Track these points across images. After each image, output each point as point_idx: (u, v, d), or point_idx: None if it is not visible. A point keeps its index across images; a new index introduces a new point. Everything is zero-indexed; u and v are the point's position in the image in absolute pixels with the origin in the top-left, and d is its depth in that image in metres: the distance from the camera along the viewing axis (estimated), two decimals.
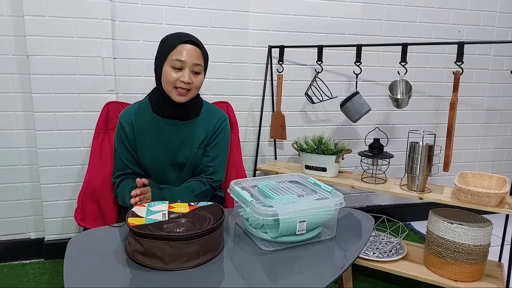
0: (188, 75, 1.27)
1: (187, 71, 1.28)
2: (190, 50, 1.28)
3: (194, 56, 1.28)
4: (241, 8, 1.97)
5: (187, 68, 1.28)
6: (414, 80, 2.28)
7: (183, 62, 1.27)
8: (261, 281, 0.86)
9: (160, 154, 1.38)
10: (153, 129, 1.37)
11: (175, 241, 0.88)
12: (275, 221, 1.00)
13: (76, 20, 1.71)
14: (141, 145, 1.38)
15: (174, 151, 1.38)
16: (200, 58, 1.30)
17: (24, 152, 1.85)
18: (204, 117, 1.43)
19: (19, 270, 1.81)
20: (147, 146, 1.38)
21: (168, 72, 1.28)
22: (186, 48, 1.27)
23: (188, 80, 1.27)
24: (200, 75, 1.33)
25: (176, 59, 1.26)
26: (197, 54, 1.29)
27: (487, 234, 1.46)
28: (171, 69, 1.28)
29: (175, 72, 1.28)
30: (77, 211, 1.43)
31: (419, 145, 1.57)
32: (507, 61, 2.41)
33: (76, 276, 0.86)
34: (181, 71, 1.28)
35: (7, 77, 1.77)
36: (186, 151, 1.39)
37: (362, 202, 2.43)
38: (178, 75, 1.28)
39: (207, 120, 1.43)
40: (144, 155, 1.39)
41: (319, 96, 2.00)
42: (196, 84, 1.32)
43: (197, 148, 1.40)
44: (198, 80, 1.32)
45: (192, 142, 1.39)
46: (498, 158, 2.56)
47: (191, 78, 1.29)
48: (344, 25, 2.14)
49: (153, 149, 1.38)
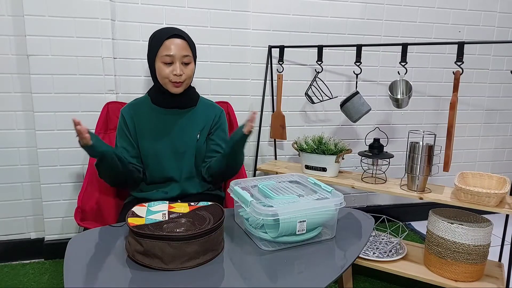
0: (179, 68, 1.35)
1: (178, 64, 1.35)
2: (177, 43, 1.35)
3: (181, 48, 1.35)
4: (241, 8, 1.97)
5: (177, 61, 1.35)
6: (414, 80, 2.28)
7: (172, 57, 1.34)
8: (261, 281, 0.86)
9: (160, 143, 1.43)
10: (153, 119, 1.44)
11: (175, 241, 0.88)
12: (275, 221, 1.00)
13: (76, 20, 1.71)
14: (141, 135, 1.43)
15: (174, 139, 1.43)
16: (187, 49, 1.37)
17: (24, 152, 1.85)
18: (201, 108, 1.50)
19: (19, 270, 1.81)
20: (148, 136, 1.43)
21: (160, 67, 1.36)
22: (173, 42, 1.35)
23: (180, 72, 1.35)
24: (190, 65, 1.40)
25: (166, 54, 1.34)
26: (184, 46, 1.36)
27: (487, 234, 1.46)
28: (162, 64, 1.36)
29: (166, 67, 1.36)
30: (77, 211, 1.43)
31: (419, 145, 1.57)
32: (507, 61, 2.41)
33: (76, 276, 0.86)
34: (172, 65, 1.36)
35: (7, 77, 1.77)
36: (186, 137, 1.44)
37: (362, 202, 2.42)
38: (170, 69, 1.35)
39: (205, 109, 1.51)
40: (145, 145, 1.43)
41: (319, 96, 2.00)
42: (188, 74, 1.39)
43: (198, 134, 1.46)
44: (189, 69, 1.39)
45: (192, 129, 1.46)
46: (498, 158, 2.56)
47: (183, 70, 1.36)
48: (344, 25, 2.14)
49: (153, 138, 1.43)
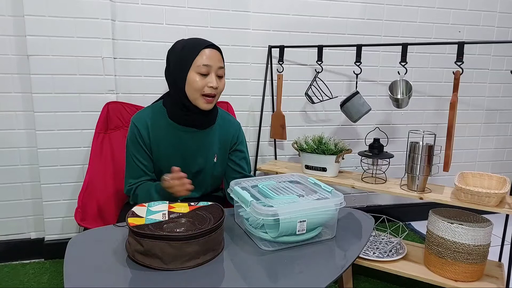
0: (215, 80, 1.25)
1: (213, 76, 1.25)
2: (214, 54, 1.25)
3: (218, 59, 1.26)
4: (241, 8, 1.97)
5: (212, 73, 1.25)
6: (414, 80, 2.28)
7: (209, 67, 1.24)
8: (261, 281, 0.86)
9: (175, 162, 1.33)
10: (169, 136, 1.33)
11: (175, 241, 0.88)
12: (275, 221, 1.00)
13: (76, 20, 1.71)
14: (156, 151, 1.33)
15: (188, 159, 1.35)
16: (222, 61, 1.29)
17: (24, 152, 1.85)
18: (219, 125, 1.40)
19: (19, 270, 1.81)
20: (162, 153, 1.33)
21: (193, 79, 1.24)
22: (210, 52, 1.25)
23: (216, 85, 1.25)
24: (223, 79, 1.31)
25: (203, 64, 1.23)
26: (220, 58, 1.28)
27: (487, 234, 1.46)
28: (197, 75, 1.24)
29: (201, 79, 1.24)
30: (77, 211, 1.43)
31: (419, 145, 1.57)
32: (507, 61, 2.41)
33: (76, 276, 0.86)
34: (207, 77, 1.25)
35: (7, 77, 1.77)
36: (201, 159, 1.36)
37: (362, 202, 2.42)
38: (204, 82, 1.24)
39: (223, 128, 1.40)
40: (159, 162, 1.34)
41: (319, 96, 2.00)
42: (221, 88, 1.30)
43: (215, 157, 1.37)
44: (222, 84, 1.30)
45: (208, 151, 1.36)
46: (498, 158, 2.56)
47: (218, 82, 1.27)
48: (344, 25, 2.14)
49: (168, 156, 1.33)
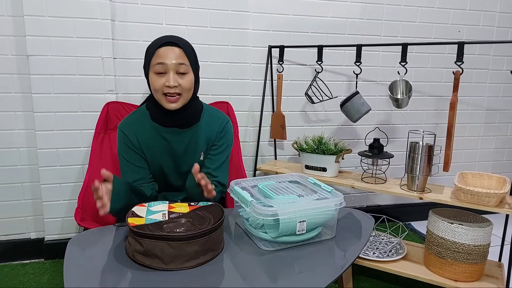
0: (172, 78, 1.18)
1: (171, 74, 1.18)
2: (170, 51, 1.19)
3: (175, 56, 1.18)
4: (241, 8, 1.97)
5: (170, 71, 1.18)
6: (414, 80, 2.28)
7: (164, 65, 1.18)
8: (261, 281, 0.86)
9: (165, 164, 1.32)
10: (155, 138, 1.30)
11: (175, 241, 0.88)
12: (275, 221, 1.00)
13: (76, 20, 1.71)
14: (147, 154, 1.32)
15: (178, 160, 1.33)
16: (182, 57, 1.20)
17: (24, 152, 1.85)
18: (205, 122, 1.35)
19: (19, 270, 1.81)
20: (152, 156, 1.32)
21: (153, 79, 1.20)
22: (165, 50, 1.19)
23: (174, 83, 1.18)
24: (187, 75, 1.22)
25: (157, 63, 1.18)
26: (179, 54, 1.19)
27: (487, 234, 1.46)
28: (155, 75, 1.20)
29: (159, 78, 1.19)
30: (77, 211, 1.43)
31: (419, 145, 1.57)
32: (507, 61, 2.41)
33: (76, 276, 0.86)
34: (165, 75, 1.19)
35: (7, 77, 1.77)
36: (190, 159, 1.33)
37: (362, 202, 2.42)
38: (162, 81, 1.19)
39: (208, 125, 1.35)
40: (151, 165, 1.33)
41: (319, 96, 2.00)
42: (184, 85, 1.21)
43: (201, 156, 1.35)
44: (186, 81, 1.21)
45: (195, 150, 1.34)
46: (498, 158, 2.56)
47: (177, 81, 1.19)
48: (344, 25, 2.14)
49: (157, 158, 1.32)
